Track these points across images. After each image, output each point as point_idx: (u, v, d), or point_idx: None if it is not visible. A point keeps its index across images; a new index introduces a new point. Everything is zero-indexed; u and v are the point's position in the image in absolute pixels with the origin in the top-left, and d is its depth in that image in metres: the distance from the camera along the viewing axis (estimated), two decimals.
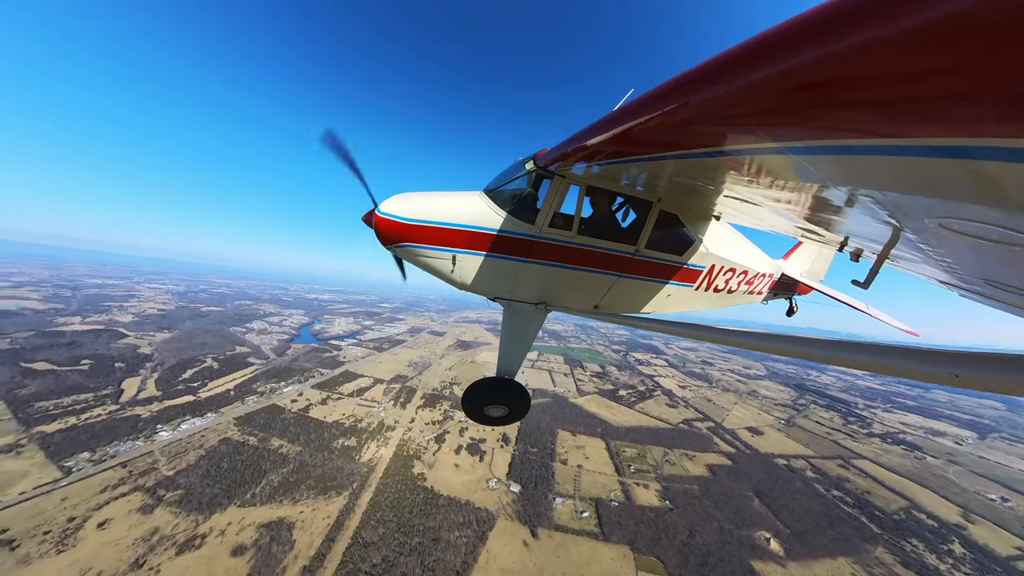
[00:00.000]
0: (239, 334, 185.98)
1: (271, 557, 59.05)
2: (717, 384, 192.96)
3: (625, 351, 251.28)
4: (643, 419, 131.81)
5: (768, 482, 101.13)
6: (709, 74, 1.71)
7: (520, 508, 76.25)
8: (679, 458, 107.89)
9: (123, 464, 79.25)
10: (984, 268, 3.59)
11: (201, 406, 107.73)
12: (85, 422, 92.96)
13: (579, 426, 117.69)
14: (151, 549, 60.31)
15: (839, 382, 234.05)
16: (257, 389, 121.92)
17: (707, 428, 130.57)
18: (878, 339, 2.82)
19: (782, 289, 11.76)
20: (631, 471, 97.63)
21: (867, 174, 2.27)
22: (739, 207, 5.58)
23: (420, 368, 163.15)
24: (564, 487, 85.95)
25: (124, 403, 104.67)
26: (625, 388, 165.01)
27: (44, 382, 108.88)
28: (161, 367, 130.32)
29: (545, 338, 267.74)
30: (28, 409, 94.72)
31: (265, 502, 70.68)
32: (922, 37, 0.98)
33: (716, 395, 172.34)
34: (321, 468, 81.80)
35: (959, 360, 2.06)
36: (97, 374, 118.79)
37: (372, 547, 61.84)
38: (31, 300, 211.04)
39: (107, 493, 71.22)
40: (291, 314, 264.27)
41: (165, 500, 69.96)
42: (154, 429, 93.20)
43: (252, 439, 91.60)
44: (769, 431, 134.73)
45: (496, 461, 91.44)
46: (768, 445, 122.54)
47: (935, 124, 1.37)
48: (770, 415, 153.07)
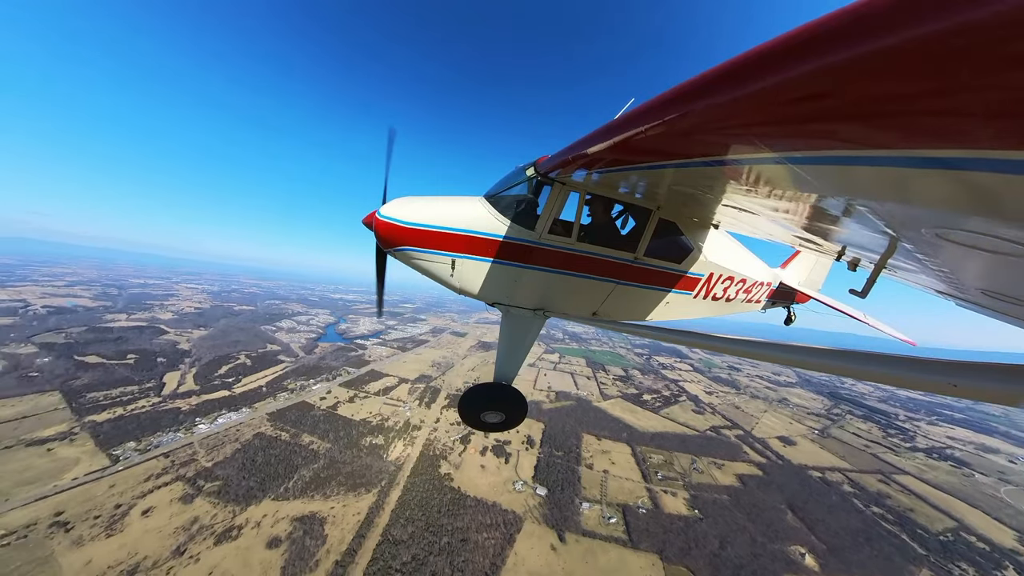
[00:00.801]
0: (269, 332, 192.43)
1: (304, 551, 60.55)
2: (745, 390, 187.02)
3: (648, 355, 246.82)
4: (669, 425, 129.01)
5: (802, 495, 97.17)
6: (709, 85, 1.71)
7: (547, 512, 75.72)
8: (707, 466, 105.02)
9: (165, 454, 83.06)
10: (981, 278, 3.56)
11: (236, 401, 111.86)
12: (131, 413, 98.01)
13: (604, 430, 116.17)
14: (191, 538, 62.76)
15: (877, 391, 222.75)
16: (288, 386, 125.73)
17: (736, 436, 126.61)
18: (876, 348, 2.81)
19: (780, 298, 11.82)
20: (658, 478, 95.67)
21: (864, 185, 2.26)
22: (737, 216, 5.58)
23: (443, 368, 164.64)
24: (591, 492, 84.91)
25: (166, 396, 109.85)
26: (649, 393, 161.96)
27: (95, 374, 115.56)
28: (199, 363, 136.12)
29: (566, 340, 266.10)
30: (81, 399, 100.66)
31: (298, 496, 72.65)
32: (916, 53, 1.01)
33: (744, 402, 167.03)
34: (350, 465, 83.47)
35: (957, 369, 2.08)
36: (141, 368, 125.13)
37: (402, 545, 62.59)
38: (83, 298, 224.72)
39: (151, 482, 74.71)
40: (317, 313, 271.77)
41: (204, 490, 72.84)
42: (193, 422, 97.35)
43: (284, 434, 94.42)
44: (802, 441, 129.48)
45: (522, 463, 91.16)
46: (801, 456, 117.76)
47: (929, 136, 1.40)
48: (802, 425, 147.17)
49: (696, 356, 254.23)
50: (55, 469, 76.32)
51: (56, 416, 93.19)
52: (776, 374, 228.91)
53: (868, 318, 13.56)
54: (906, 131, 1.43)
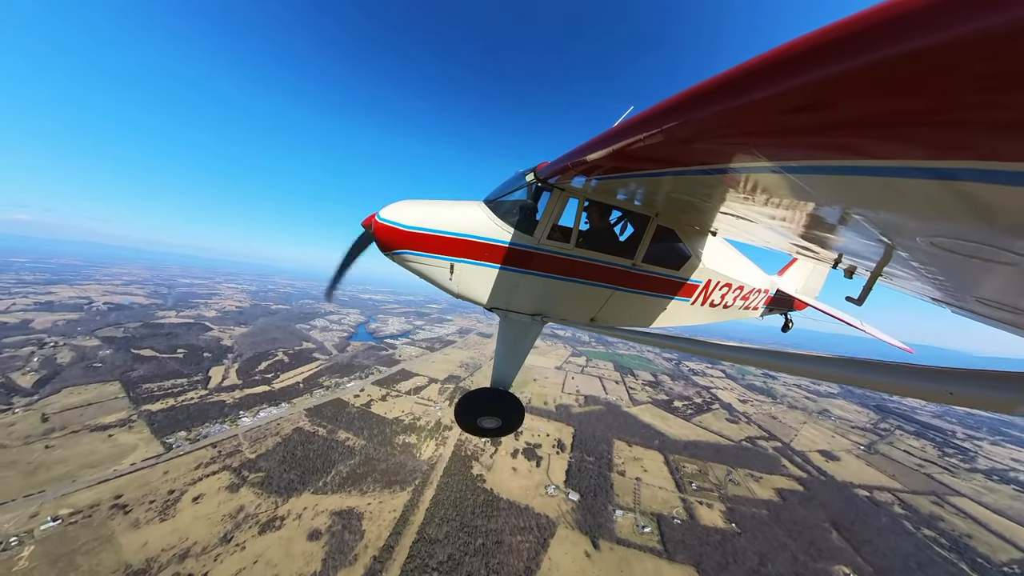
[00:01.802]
0: (304, 331, 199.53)
1: (344, 544, 62.26)
2: (782, 400, 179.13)
3: (677, 360, 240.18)
4: (702, 433, 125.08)
5: (847, 514, 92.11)
6: (707, 94, 1.73)
7: (580, 517, 74.86)
8: (744, 478, 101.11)
9: (213, 444, 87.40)
10: (975, 286, 3.54)
11: (275, 396, 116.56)
12: (182, 404, 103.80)
13: (635, 437, 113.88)
14: (237, 526, 65.65)
15: (930, 405, 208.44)
16: (323, 383, 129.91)
17: (773, 448, 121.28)
18: (872, 356, 2.81)
19: (778, 305, 11.81)
20: (692, 488, 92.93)
21: (860, 194, 2.26)
22: (735, 223, 5.52)
23: (471, 369, 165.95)
24: (623, 499, 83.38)
25: (212, 389, 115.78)
26: (680, 399, 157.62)
27: (149, 366, 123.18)
28: (240, 358, 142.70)
29: (592, 344, 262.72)
30: (137, 389, 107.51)
31: (336, 491, 74.85)
32: (912, 65, 1.01)
33: (782, 412, 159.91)
34: (385, 463, 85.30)
35: (954, 378, 2.11)
36: (190, 362, 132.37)
37: (438, 544, 63.36)
38: (138, 296, 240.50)
39: (200, 470, 78.73)
40: (348, 313, 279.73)
41: (249, 481, 76.14)
42: (237, 415, 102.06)
43: (321, 430, 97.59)
44: (846, 457, 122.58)
45: (553, 468, 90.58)
46: (845, 472, 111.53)
47: (925, 147, 1.42)
48: (846, 439, 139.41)
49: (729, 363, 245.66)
50: (115, 454, 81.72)
51: (116, 404, 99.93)
52: (815, 383, 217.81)
53: (865, 325, 13.56)
54: (902, 142, 1.46)
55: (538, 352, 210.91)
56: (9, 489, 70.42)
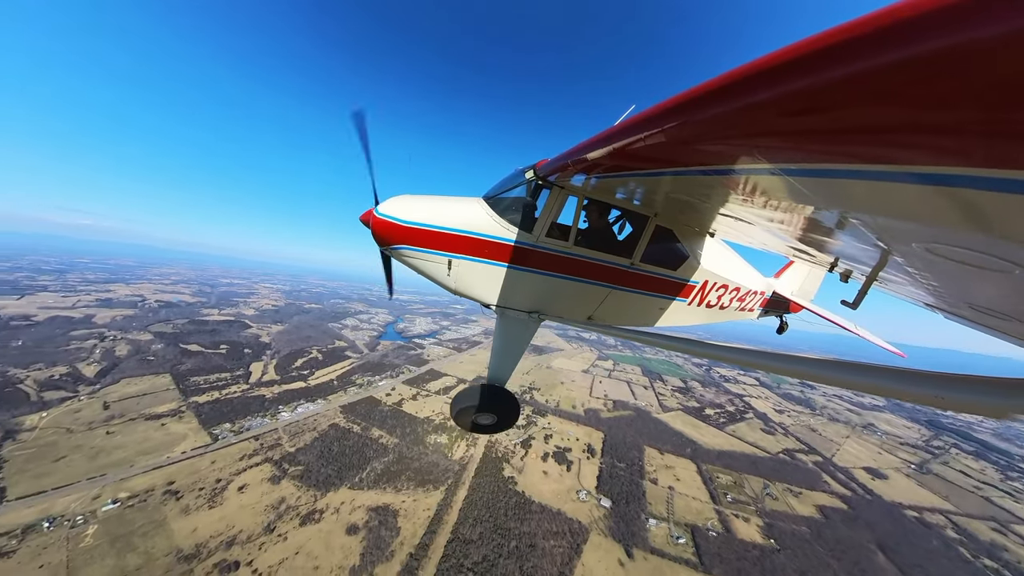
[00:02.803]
0: (336, 329, 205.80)
1: (380, 540, 63.64)
2: (822, 412, 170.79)
3: (708, 365, 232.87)
4: (736, 443, 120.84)
5: (895, 536, 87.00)
6: (708, 95, 1.73)
7: (612, 524, 73.77)
8: (782, 493, 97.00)
9: (255, 437, 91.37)
10: (968, 292, 3.55)
11: (311, 392, 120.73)
12: (226, 397, 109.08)
13: (666, 444, 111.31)
14: (279, 517, 68.27)
15: (988, 423, 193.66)
16: (356, 381, 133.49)
17: (813, 463, 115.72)
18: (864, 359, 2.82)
19: (773, 307, 11.86)
20: (728, 500, 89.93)
21: (858, 198, 2.26)
22: (733, 225, 5.50)
23: None
24: (656, 508, 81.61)
25: (253, 384, 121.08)
26: (712, 407, 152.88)
27: (196, 361, 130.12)
28: (278, 355, 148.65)
29: (619, 347, 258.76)
30: (186, 382, 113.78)
31: (371, 487, 76.69)
32: (913, 72, 1.02)
33: (822, 425, 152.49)
34: (418, 462, 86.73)
35: (944, 382, 2.13)
36: (232, 357, 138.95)
37: (472, 545, 63.81)
38: (184, 294, 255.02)
39: (244, 461, 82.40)
40: (377, 312, 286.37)
41: (289, 473, 79.11)
42: (277, 409, 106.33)
43: (356, 427, 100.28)
44: (895, 475, 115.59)
45: (584, 472, 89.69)
46: (893, 492, 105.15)
47: (921, 153, 1.43)
48: (894, 456, 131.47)
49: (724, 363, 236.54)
50: (168, 442, 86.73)
51: (168, 395, 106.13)
52: (859, 394, 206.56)
53: (859, 329, 13.75)
54: (902, 147, 1.46)
55: (564, 355, 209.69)
56: (76, 471, 75.94)
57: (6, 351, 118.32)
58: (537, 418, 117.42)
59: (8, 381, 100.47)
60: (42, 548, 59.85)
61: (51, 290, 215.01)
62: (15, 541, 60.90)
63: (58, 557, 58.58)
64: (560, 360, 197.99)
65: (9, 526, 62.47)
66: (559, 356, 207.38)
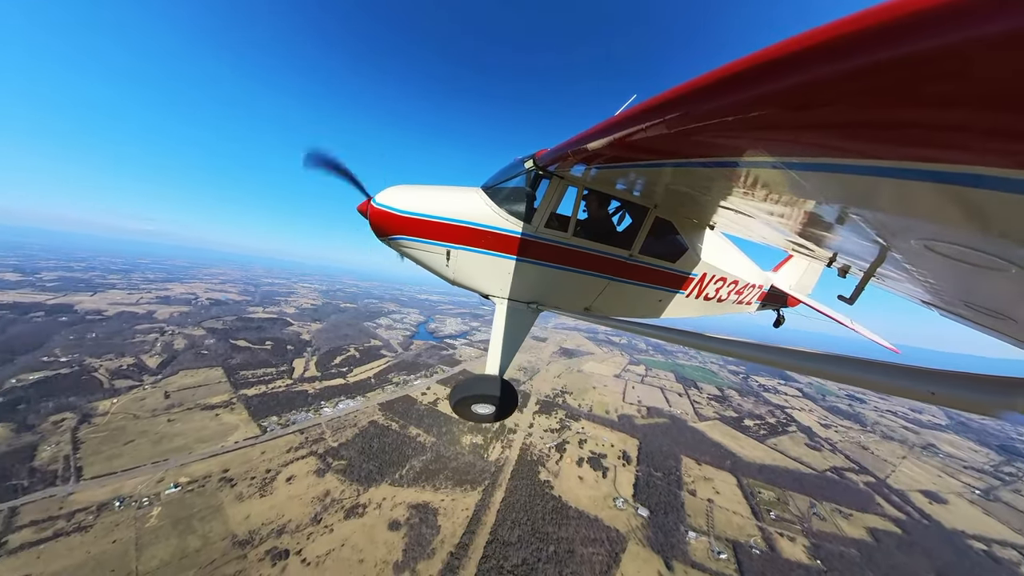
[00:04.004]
0: (371, 329, 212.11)
1: (422, 537, 65.18)
2: (874, 428, 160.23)
3: (745, 374, 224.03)
4: (778, 458, 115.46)
5: (957, 567, 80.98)
6: (711, 87, 1.71)
7: (651, 535, 72.35)
8: (830, 513, 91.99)
9: (301, 431, 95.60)
10: (964, 290, 3.53)
11: (350, 389, 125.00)
12: (272, 391, 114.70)
13: (704, 455, 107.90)
14: (325, 509, 71.09)
15: None
16: (392, 380, 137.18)
17: (865, 483, 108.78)
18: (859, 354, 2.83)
19: (771, 301, 11.88)
20: (771, 517, 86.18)
21: (859, 193, 2.25)
22: (733, 218, 5.46)
23: (530, 373, 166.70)
24: (696, 521, 79.34)
25: (296, 379, 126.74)
26: (751, 418, 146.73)
27: (244, 356, 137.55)
28: (318, 352, 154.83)
29: (650, 351, 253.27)
30: (236, 376, 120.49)
31: (411, 484, 78.66)
32: (918, 68, 1.01)
33: (874, 443, 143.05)
34: (455, 461, 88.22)
35: (936, 378, 2.16)
36: (276, 353, 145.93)
37: (511, 547, 64.27)
38: (232, 293, 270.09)
39: (291, 453, 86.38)
40: (409, 312, 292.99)
41: (333, 467, 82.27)
42: (319, 405, 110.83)
43: (394, 425, 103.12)
44: (957, 501, 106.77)
45: (620, 480, 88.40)
46: (955, 519, 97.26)
47: (924, 150, 1.42)
48: (957, 480, 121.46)
49: (805, 380, 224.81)
50: (222, 432, 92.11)
51: (220, 387, 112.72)
52: (917, 411, 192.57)
53: (855, 324, 13.84)
54: (906, 143, 1.46)
55: (595, 359, 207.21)
56: (142, 455, 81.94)
57: (83, 342, 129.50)
58: (571, 422, 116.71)
59: (85, 369, 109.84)
60: (114, 525, 64.88)
61: (118, 288, 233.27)
62: (91, 517, 66.32)
63: (128, 534, 63.31)
64: (591, 364, 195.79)
65: (86, 503, 68.16)
66: (589, 360, 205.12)
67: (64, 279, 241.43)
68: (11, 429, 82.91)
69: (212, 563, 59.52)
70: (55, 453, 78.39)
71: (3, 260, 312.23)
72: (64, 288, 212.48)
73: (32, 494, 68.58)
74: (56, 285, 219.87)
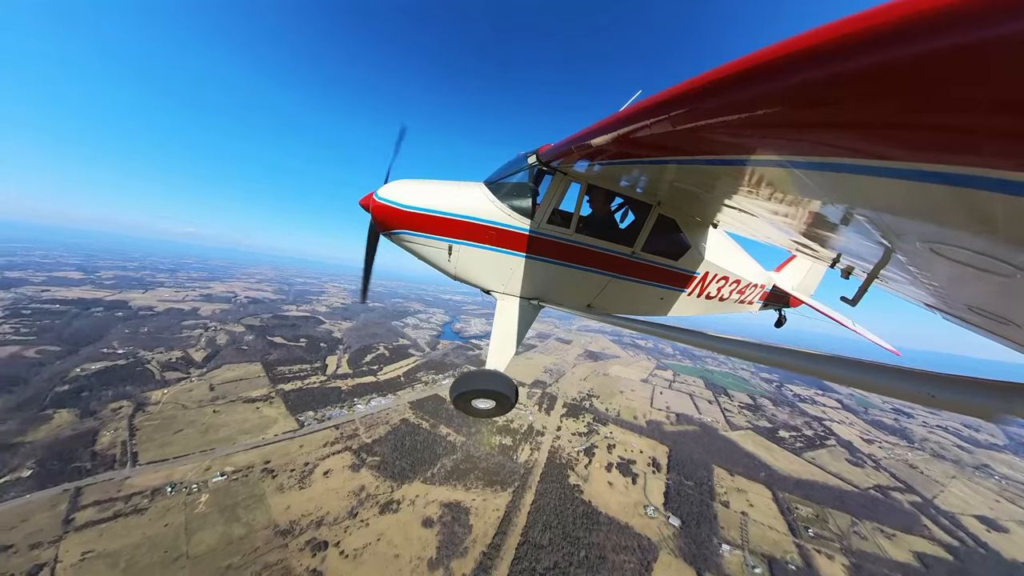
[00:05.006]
0: (399, 328, 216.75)
1: (454, 536, 66.28)
2: (922, 445, 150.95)
3: (779, 382, 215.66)
4: (816, 473, 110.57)
5: None
6: (717, 84, 1.68)
7: (682, 545, 70.98)
8: (872, 533, 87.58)
9: (336, 427, 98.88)
10: (969, 294, 3.49)
11: (381, 387, 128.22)
12: (307, 387, 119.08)
13: (737, 465, 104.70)
14: (360, 503, 73.26)
15: None
16: (421, 378, 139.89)
17: (911, 503, 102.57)
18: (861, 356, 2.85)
19: (773, 301, 11.81)
20: (809, 534, 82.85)
21: (865, 194, 2.22)
22: (737, 217, 5.39)
23: (556, 375, 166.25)
24: (729, 533, 77.22)
25: (329, 376, 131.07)
26: (786, 429, 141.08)
27: (281, 352, 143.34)
28: (349, 350, 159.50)
29: (678, 356, 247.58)
30: (274, 371, 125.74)
31: (443, 483, 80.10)
32: (929, 68, 1.00)
33: (923, 461, 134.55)
34: (485, 462, 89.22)
35: (936, 381, 2.17)
36: (310, 350, 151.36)
37: (543, 550, 64.50)
38: (267, 292, 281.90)
39: (327, 448, 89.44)
40: (434, 312, 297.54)
41: (367, 463, 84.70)
42: (352, 401, 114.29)
43: (424, 423, 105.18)
44: (1017, 529, 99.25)
45: (650, 487, 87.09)
46: (1016, 549, 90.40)
47: (933, 151, 1.40)
48: (1017, 506, 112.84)
49: (845, 391, 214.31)
50: (262, 424, 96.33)
51: (260, 382, 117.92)
52: (973, 428, 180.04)
53: (856, 326, 13.84)
54: (916, 145, 1.43)
55: (621, 363, 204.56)
56: (190, 443, 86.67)
57: (137, 336, 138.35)
58: (598, 427, 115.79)
59: (139, 361, 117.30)
60: (166, 509, 68.90)
61: (166, 286, 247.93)
62: (146, 500, 70.72)
63: (179, 519, 67.07)
64: (617, 367, 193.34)
65: (142, 487, 72.73)
66: (615, 363, 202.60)
67: (119, 277, 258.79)
68: (75, 414, 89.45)
69: (256, 551, 62.32)
70: (114, 438, 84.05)
71: (68, 260, 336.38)
72: (120, 286, 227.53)
73: (94, 476, 73.78)
74: (113, 283, 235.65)
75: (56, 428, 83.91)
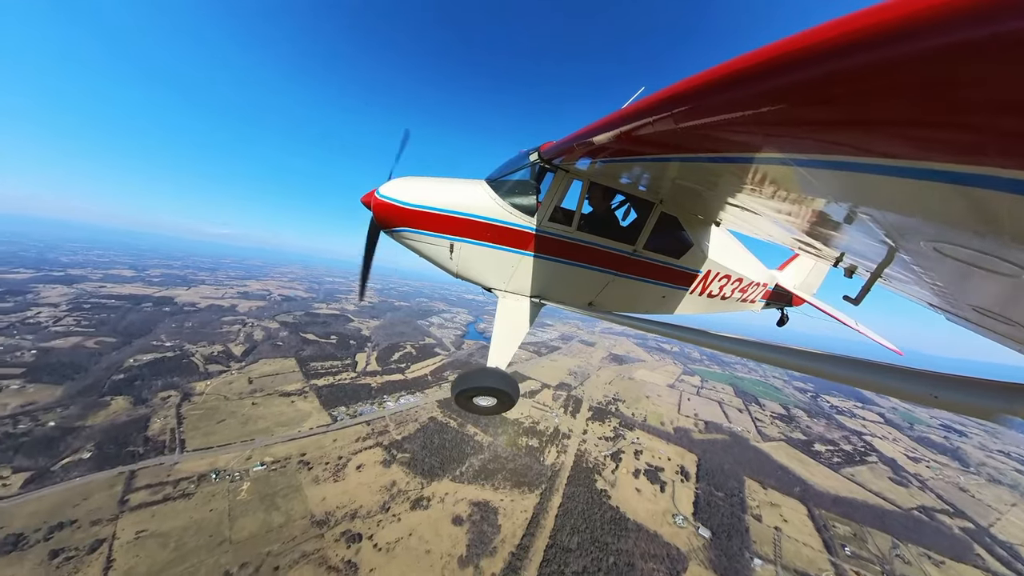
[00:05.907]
0: (425, 327, 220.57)
1: (483, 535, 67.18)
2: (978, 469, 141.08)
3: (815, 392, 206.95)
4: (855, 490, 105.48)
5: None
6: (720, 81, 1.67)
7: (713, 557, 69.47)
8: (916, 557, 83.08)
9: (367, 422, 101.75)
10: (973, 294, 3.48)
11: (409, 385, 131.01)
12: (339, 383, 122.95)
13: (769, 478, 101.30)
14: (392, 498, 75.18)
15: None
16: (448, 377, 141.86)
17: (961, 528, 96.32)
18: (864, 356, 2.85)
19: (776, 299, 11.75)
20: (846, 553, 79.49)
21: (869, 192, 2.20)
22: (739, 215, 5.34)
23: (580, 378, 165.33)
24: (762, 548, 74.95)
25: (359, 372, 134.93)
26: (822, 442, 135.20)
27: (313, 348, 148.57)
28: (378, 348, 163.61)
29: (705, 361, 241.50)
30: (307, 366, 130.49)
31: (471, 481, 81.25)
32: (934, 66, 0.99)
33: (976, 486, 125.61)
34: (512, 463, 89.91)
35: (940, 382, 2.17)
36: (341, 347, 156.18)
37: (571, 554, 64.58)
38: (299, 290, 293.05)
39: (359, 443, 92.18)
40: (458, 312, 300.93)
41: (398, 459, 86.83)
42: (382, 398, 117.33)
43: (452, 422, 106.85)
44: None
45: (679, 496, 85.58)
46: None
47: (939, 150, 1.38)
48: None
49: (888, 404, 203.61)
50: (298, 417, 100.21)
51: (294, 376, 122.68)
52: None
53: (859, 325, 13.77)
54: (919, 143, 1.42)
55: (646, 367, 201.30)
56: (232, 433, 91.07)
57: (182, 330, 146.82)
58: (625, 432, 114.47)
59: (184, 354, 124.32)
60: (211, 495, 72.65)
61: (207, 283, 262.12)
62: (193, 486, 74.80)
63: (223, 505, 70.58)
64: (642, 372, 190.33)
65: (189, 472, 77.00)
66: (641, 368, 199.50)
67: (166, 275, 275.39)
68: (130, 402, 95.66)
69: (294, 539, 64.96)
70: (163, 426, 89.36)
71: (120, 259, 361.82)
72: (166, 283, 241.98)
73: (146, 460, 78.68)
74: (160, 280, 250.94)
75: (112, 414, 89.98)
